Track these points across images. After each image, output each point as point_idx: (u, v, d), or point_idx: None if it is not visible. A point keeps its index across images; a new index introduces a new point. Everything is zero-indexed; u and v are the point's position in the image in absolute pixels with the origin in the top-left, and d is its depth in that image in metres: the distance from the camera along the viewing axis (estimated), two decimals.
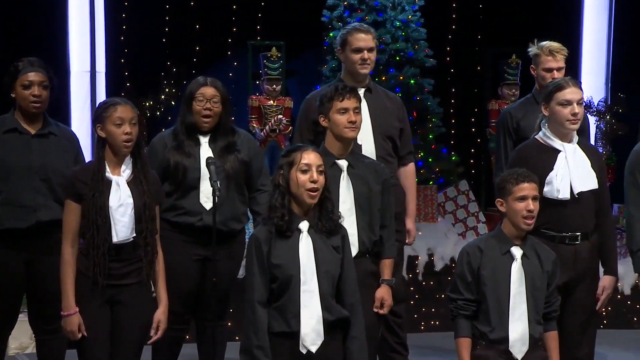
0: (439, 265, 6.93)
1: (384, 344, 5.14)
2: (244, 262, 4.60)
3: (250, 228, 5.35)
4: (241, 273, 4.65)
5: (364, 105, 4.87)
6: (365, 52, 4.94)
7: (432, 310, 6.91)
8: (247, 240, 4.93)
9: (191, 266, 4.63)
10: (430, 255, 6.95)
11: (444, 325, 6.65)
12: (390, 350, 5.19)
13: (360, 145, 4.82)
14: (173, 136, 4.68)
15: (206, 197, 4.59)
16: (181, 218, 4.60)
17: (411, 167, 5.19)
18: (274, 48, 7.38)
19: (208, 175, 4.47)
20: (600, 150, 7.23)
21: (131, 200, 4.05)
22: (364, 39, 4.96)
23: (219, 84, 4.73)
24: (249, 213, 4.92)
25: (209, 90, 4.66)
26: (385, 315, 4.92)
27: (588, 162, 4.43)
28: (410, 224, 5.14)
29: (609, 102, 7.92)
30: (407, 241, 5.17)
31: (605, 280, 4.53)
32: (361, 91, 4.88)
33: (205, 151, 4.63)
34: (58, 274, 4.06)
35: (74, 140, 4.77)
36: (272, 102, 7.37)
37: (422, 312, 6.88)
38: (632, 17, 8.37)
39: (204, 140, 4.67)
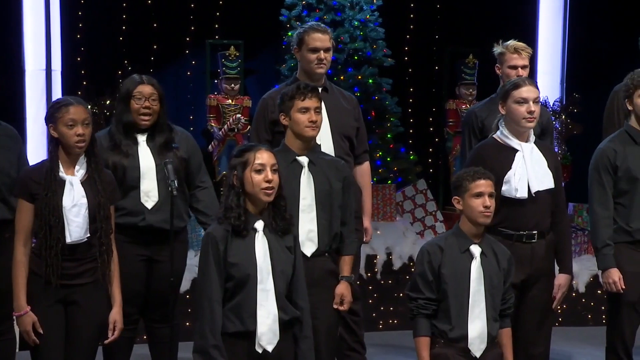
0: (397, 264, 6.96)
1: (341, 342, 5.15)
2: (193, 262, 4.59)
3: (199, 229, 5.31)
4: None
5: (321, 105, 4.88)
6: (322, 52, 4.94)
7: (391, 309, 6.94)
8: (189, 238, 4.91)
9: (137, 267, 4.58)
10: (389, 254, 6.97)
11: (403, 323, 6.68)
12: (347, 349, 5.19)
13: (319, 145, 4.82)
14: (109, 136, 4.61)
15: (147, 196, 4.56)
16: (123, 219, 4.52)
17: (366, 165, 5.21)
18: (232, 47, 7.36)
19: (149, 174, 4.47)
20: (556, 150, 7.31)
21: (85, 200, 4.00)
22: (321, 39, 4.96)
23: (155, 81, 4.67)
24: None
25: (146, 89, 4.60)
26: (343, 314, 4.94)
27: (545, 162, 4.48)
28: (366, 222, 5.16)
29: (564, 102, 8.01)
30: (364, 239, 5.18)
31: (560, 279, 4.58)
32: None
33: (144, 150, 4.58)
34: (5, 273, 4.00)
35: (16, 138, 4.70)
36: (230, 101, 7.34)
37: (380, 311, 6.90)
38: (586, 17, 8.47)
39: (142, 139, 4.61)
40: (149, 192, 4.52)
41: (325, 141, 4.88)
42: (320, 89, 4.89)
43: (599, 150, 4.76)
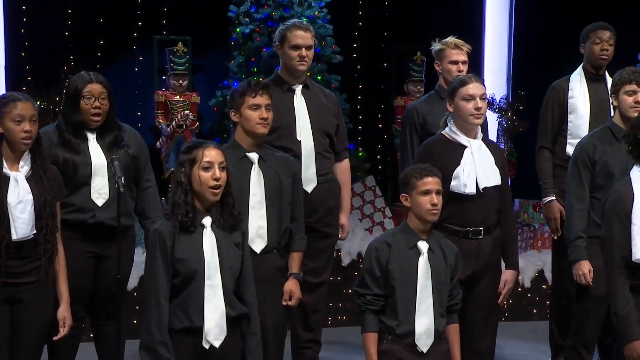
0: (346, 261, 6.98)
1: (296, 339, 5.16)
2: (141, 259, 4.55)
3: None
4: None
5: (302, 102, 4.92)
6: (304, 49, 4.95)
7: (340, 305, 6.96)
8: (136, 236, 4.88)
9: (84, 263, 4.53)
10: (338, 251, 6.98)
11: (351, 319, 6.70)
12: (302, 347, 5.19)
13: (300, 142, 4.83)
14: (58, 132, 4.55)
15: (97, 194, 4.51)
16: (72, 215, 4.48)
17: (346, 163, 5.24)
18: (180, 43, 7.32)
19: (100, 171, 4.43)
20: (502, 147, 7.40)
21: (31, 197, 3.95)
22: (303, 37, 4.97)
23: (104, 78, 4.59)
24: None
25: (96, 88, 4.51)
26: (305, 312, 4.95)
27: (492, 159, 4.53)
28: (344, 218, 5.18)
29: (510, 100, 8.10)
30: (340, 236, 5.20)
31: (507, 275, 4.63)
32: (299, 88, 4.95)
33: (94, 147, 4.53)
34: None
35: None
36: (178, 97, 7.31)
37: (329, 307, 6.91)
38: (531, 16, 8.59)
39: (92, 137, 4.55)
40: (100, 190, 4.48)
41: (305, 138, 4.90)
42: (301, 86, 4.94)
43: (579, 145, 4.86)
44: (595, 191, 4.75)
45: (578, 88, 5.50)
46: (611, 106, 4.89)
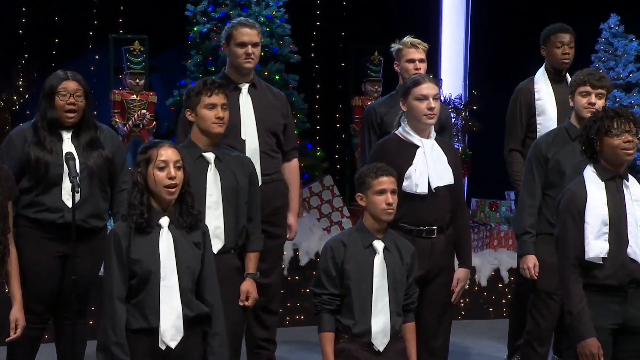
0: (304, 260, 6.99)
1: (251, 339, 5.14)
2: None
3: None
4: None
5: (248, 101, 4.89)
6: (250, 46, 4.92)
7: (297, 305, 6.96)
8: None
9: (52, 263, 4.50)
10: (296, 250, 6.99)
11: (309, 319, 6.70)
12: (258, 346, 5.18)
13: (244, 141, 4.81)
14: (33, 131, 4.52)
15: (68, 194, 4.47)
16: (41, 215, 4.46)
17: (295, 162, 5.22)
18: (136, 42, 7.26)
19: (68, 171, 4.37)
20: (457, 146, 7.46)
21: None
22: (249, 34, 4.94)
23: (80, 77, 4.61)
24: None
25: (71, 85, 4.52)
26: (259, 312, 4.93)
27: (445, 158, 4.56)
28: (291, 219, 5.16)
29: (467, 100, 8.17)
30: (288, 236, 5.18)
31: (459, 273, 4.66)
32: (245, 86, 4.92)
33: (68, 147, 4.50)
34: None
35: None
36: (135, 96, 7.25)
37: (287, 307, 6.91)
38: (487, 17, 8.67)
39: (67, 136, 4.53)
40: (71, 190, 4.42)
41: (250, 137, 4.88)
42: (247, 85, 4.92)
43: (535, 143, 4.94)
44: (548, 189, 4.81)
45: (544, 90, 5.58)
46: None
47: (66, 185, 4.47)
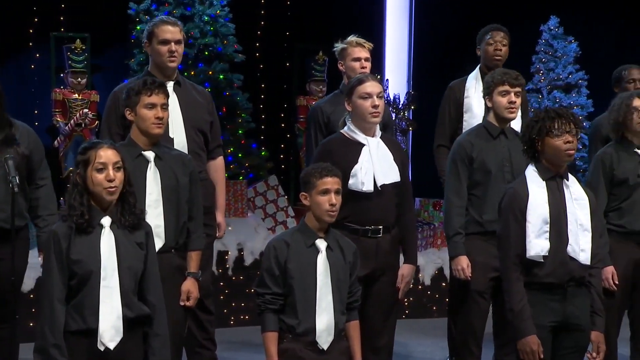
0: (248, 260, 6.97)
1: (192, 339, 5.11)
2: (37, 260, 4.44)
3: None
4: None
5: (174, 99, 4.84)
6: (173, 44, 4.87)
7: (242, 305, 6.94)
8: (29, 236, 4.76)
9: None
10: (240, 250, 6.98)
11: (254, 319, 6.69)
12: (198, 346, 5.16)
13: (172, 139, 4.77)
14: None
15: None
16: None
17: (220, 160, 5.19)
18: (78, 40, 7.19)
19: None
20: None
21: None
22: (171, 31, 4.89)
23: None
24: None
25: None
26: (196, 312, 4.90)
27: (391, 156, 4.57)
28: (220, 217, 5.14)
29: (408, 100, 8.21)
30: (217, 235, 5.16)
31: (404, 269, 4.67)
32: (170, 85, 4.85)
33: None
34: None
35: None
36: (77, 95, 7.18)
37: (231, 307, 6.89)
38: (431, 18, 8.74)
39: None
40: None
41: (178, 135, 4.83)
42: (172, 83, 4.87)
43: (456, 143, 4.94)
44: (474, 188, 4.84)
45: (473, 88, 5.68)
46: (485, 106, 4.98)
47: None
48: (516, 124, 5.04)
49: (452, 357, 5.47)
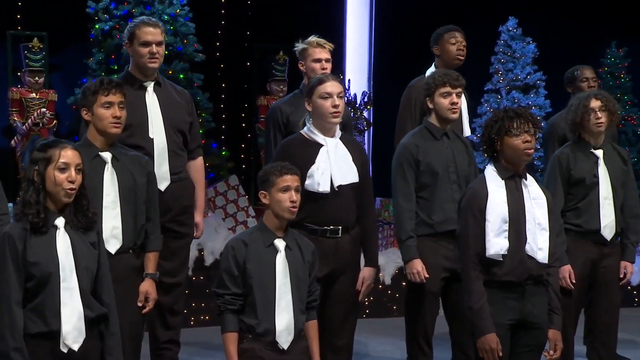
0: (208, 260, 6.95)
1: (155, 340, 5.08)
2: None
3: None
4: None
5: (154, 99, 4.84)
6: (154, 45, 4.86)
7: (202, 305, 6.91)
8: None
9: None
10: (200, 250, 6.95)
11: (214, 320, 6.66)
12: (161, 348, 5.12)
13: (153, 139, 4.74)
14: None
15: None
16: None
17: (200, 161, 5.18)
18: (35, 39, 7.12)
19: None
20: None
21: None
22: (152, 33, 4.87)
23: None
24: None
25: None
26: (164, 313, 4.87)
27: (350, 157, 4.58)
28: (198, 217, 5.13)
29: (365, 99, 8.23)
30: (195, 235, 5.14)
31: (365, 272, 4.69)
32: (151, 85, 4.86)
33: None
34: None
35: None
36: (34, 94, 7.11)
37: (191, 307, 6.86)
38: (391, 18, 8.78)
39: None
40: None
41: (158, 136, 4.82)
42: (153, 83, 4.85)
43: (401, 146, 4.93)
44: (421, 190, 4.85)
45: None
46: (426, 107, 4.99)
47: None
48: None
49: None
